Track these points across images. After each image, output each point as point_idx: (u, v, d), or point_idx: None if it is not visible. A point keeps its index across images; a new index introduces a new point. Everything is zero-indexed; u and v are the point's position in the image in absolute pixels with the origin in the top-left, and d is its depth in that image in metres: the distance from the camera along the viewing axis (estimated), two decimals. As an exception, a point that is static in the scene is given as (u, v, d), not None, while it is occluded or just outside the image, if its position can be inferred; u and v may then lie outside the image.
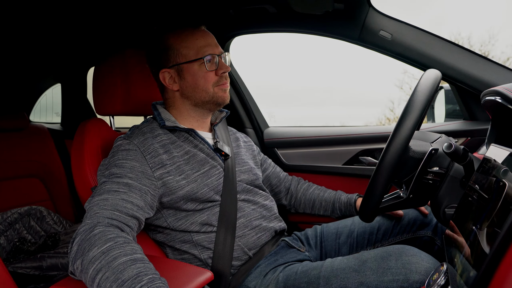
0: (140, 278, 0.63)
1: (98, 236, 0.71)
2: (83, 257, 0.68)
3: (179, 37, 0.99)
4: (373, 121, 11.59)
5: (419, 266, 0.78)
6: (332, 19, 1.29)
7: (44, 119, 2.70)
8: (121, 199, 0.81)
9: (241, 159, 1.11)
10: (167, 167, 0.92)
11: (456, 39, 10.34)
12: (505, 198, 0.50)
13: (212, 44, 1.01)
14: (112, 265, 0.65)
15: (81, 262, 0.68)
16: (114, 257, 0.67)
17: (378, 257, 0.83)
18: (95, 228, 0.73)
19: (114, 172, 0.86)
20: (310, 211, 1.26)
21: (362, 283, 0.80)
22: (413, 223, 1.04)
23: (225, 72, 1.01)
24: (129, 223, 0.79)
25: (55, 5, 1.23)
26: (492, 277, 0.43)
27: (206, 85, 0.99)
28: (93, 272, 0.66)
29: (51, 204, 2.04)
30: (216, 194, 0.97)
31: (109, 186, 0.83)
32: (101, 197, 0.80)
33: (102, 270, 0.65)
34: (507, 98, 0.77)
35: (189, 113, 1.04)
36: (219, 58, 1.00)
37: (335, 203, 1.20)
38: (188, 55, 0.99)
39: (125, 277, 0.63)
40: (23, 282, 1.42)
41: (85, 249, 0.69)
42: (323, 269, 0.87)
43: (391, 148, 0.73)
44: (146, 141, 0.94)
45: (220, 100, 1.02)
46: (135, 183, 0.85)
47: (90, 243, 0.70)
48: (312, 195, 1.25)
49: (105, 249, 0.68)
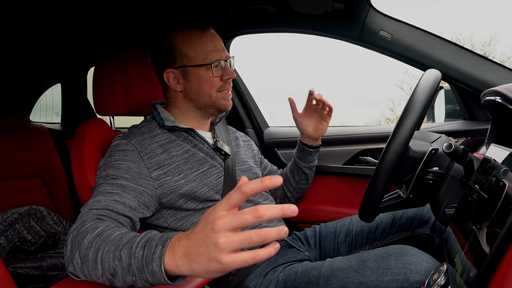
0: (138, 235, 0.62)
1: (89, 227, 0.69)
2: (79, 249, 0.66)
3: (187, 39, 0.98)
4: (373, 121, 11.60)
5: (419, 266, 0.78)
6: (332, 19, 1.29)
7: (44, 119, 2.70)
8: (113, 200, 0.80)
9: (240, 158, 1.11)
10: (165, 168, 0.92)
11: (457, 39, 10.35)
12: (505, 198, 0.50)
13: (219, 49, 1.00)
14: (108, 240, 0.64)
15: (79, 254, 0.66)
16: (109, 234, 0.65)
17: (378, 257, 0.83)
18: (85, 223, 0.71)
19: (110, 173, 0.86)
20: (294, 185, 1.29)
21: (362, 283, 0.80)
22: (412, 221, 1.04)
23: (230, 78, 1.01)
24: (120, 220, 0.78)
25: (55, 5, 1.23)
26: (492, 277, 0.43)
27: (210, 90, 0.99)
28: (93, 254, 0.64)
29: (51, 204, 2.03)
30: (216, 193, 0.97)
31: (104, 188, 0.83)
32: (95, 199, 0.80)
33: (101, 248, 0.64)
34: (507, 98, 0.77)
35: (190, 114, 1.04)
36: (225, 63, 1.00)
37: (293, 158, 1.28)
38: (196, 58, 0.97)
39: (124, 240, 0.62)
40: (23, 282, 1.42)
41: (78, 242, 0.67)
42: (323, 269, 0.87)
43: (391, 148, 0.73)
44: (144, 141, 0.94)
45: (222, 107, 1.03)
46: (130, 184, 0.85)
47: (82, 235, 0.68)
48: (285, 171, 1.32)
49: (98, 232, 0.67)
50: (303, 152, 1.24)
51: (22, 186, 1.93)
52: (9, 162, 1.88)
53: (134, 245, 0.60)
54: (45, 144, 2.05)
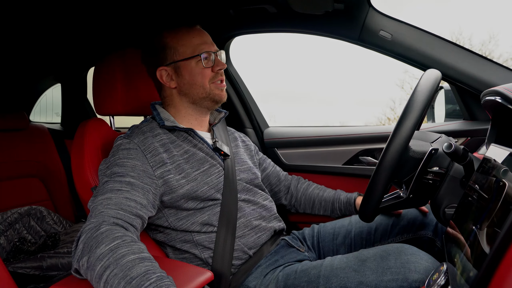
0: (149, 276, 0.64)
1: (105, 234, 0.71)
2: (89, 254, 0.69)
3: (176, 36, 1.01)
4: (375, 120, 11.60)
5: (418, 265, 0.78)
6: (332, 19, 1.29)
7: (44, 119, 2.70)
8: (124, 198, 0.81)
9: (240, 159, 1.11)
10: (168, 166, 0.93)
11: (457, 38, 10.34)
12: (505, 198, 0.50)
13: (208, 42, 1.03)
14: (120, 262, 0.66)
15: (88, 259, 0.68)
16: (122, 254, 0.67)
17: (377, 256, 0.83)
18: (101, 227, 0.73)
19: (116, 171, 0.87)
20: (310, 211, 1.26)
21: (362, 283, 0.80)
22: (413, 223, 1.04)
23: (221, 69, 1.03)
24: (133, 223, 0.80)
25: (55, 5, 1.23)
26: (492, 277, 0.43)
27: (203, 81, 1.01)
28: (101, 269, 0.66)
29: (51, 204, 2.04)
30: (216, 192, 0.97)
31: (112, 185, 0.83)
32: (105, 196, 0.81)
33: (110, 267, 0.65)
34: (507, 98, 0.77)
35: (187, 111, 1.05)
36: (215, 55, 1.02)
37: (335, 203, 1.20)
38: (185, 52, 1.00)
39: (134, 274, 0.64)
40: (23, 282, 1.42)
41: (91, 246, 0.69)
42: (323, 268, 0.87)
43: (391, 148, 0.73)
44: (146, 140, 0.94)
45: (217, 97, 1.03)
46: (137, 182, 0.86)
47: (97, 240, 0.70)
48: (312, 195, 1.25)
49: (113, 246, 0.68)
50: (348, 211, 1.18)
51: (22, 186, 1.93)
52: (9, 162, 1.88)
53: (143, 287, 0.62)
54: (45, 144, 2.05)
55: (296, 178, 1.32)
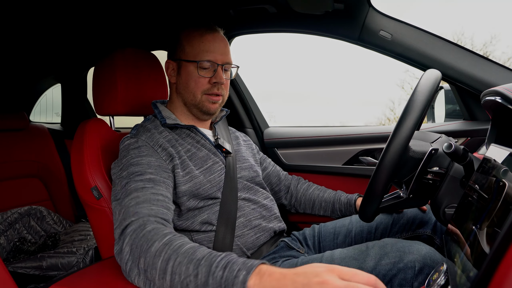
0: (215, 253, 0.63)
1: (153, 232, 0.70)
2: (145, 255, 0.67)
3: (189, 35, 1.01)
4: (375, 120, 11.61)
5: (412, 248, 0.80)
6: (332, 19, 1.29)
7: (44, 119, 2.70)
8: (151, 193, 0.81)
9: (241, 156, 1.11)
10: (175, 160, 0.93)
11: (459, 39, 10.34)
12: (505, 198, 0.50)
13: (217, 51, 0.99)
14: (180, 251, 0.65)
15: (144, 259, 0.67)
16: (179, 245, 0.66)
17: (376, 246, 0.85)
18: (145, 227, 0.72)
19: (133, 170, 0.86)
20: (310, 211, 1.26)
21: (361, 268, 0.81)
22: (412, 222, 1.04)
23: (218, 83, 0.99)
24: (167, 218, 0.79)
25: (55, 5, 1.23)
26: (492, 277, 0.43)
27: (195, 89, 1.00)
28: (163, 264, 0.65)
29: (51, 204, 2.04)
30: (218, 190, 0.97)
31: (134, 185, 0.82)
32: (131, 196, 0.80)
33: (171, 258, 0.64)
34: (507, 98, 0.77)
35: (182, 110, 1.05)
36: (219, 67, 0.99)
37: (335, 204, 1.20)
38: (189, 54, 1.00)
39: (199, 256, 0.63)
40: (23, 282, 1.42)
41: (142, 246, 0.68)
42: (324, 259, 0.88)
43: (391, 148, 0.73)
44: (153, 136, 0.95)
45: (205, 108, 1.01)
46: (157, 177, 0.85)
47: (146, 239, 0.69)
48: (312, 195, 1.25)
49: (166, 241, 0.68)
50: (349, 212, 1.19)
51: (22, 186, 1.93)
52: (9, 162, 1.89)
53: (214, 264, 0.60)
54: (45, 144, 2.05)
55: (296, 178, 1.33)
